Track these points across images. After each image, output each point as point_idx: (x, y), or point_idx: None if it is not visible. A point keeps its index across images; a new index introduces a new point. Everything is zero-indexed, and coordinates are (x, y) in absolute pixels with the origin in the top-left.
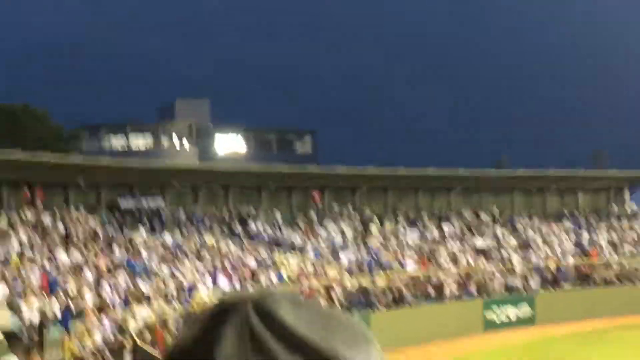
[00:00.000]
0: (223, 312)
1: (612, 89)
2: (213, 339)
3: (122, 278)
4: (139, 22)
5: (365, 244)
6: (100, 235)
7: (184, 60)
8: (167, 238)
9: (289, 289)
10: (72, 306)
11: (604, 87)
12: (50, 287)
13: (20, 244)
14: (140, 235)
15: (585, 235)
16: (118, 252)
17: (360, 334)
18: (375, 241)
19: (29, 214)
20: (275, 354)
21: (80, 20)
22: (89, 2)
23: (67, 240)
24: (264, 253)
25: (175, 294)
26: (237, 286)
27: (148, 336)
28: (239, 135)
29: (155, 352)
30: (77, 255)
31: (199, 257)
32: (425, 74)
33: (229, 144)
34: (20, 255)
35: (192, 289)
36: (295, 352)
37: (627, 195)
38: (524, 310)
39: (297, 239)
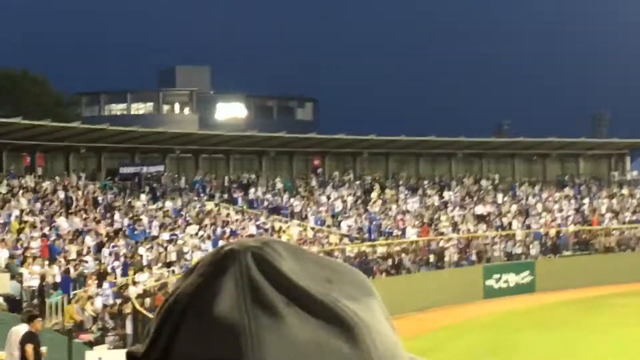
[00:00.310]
0: (223, 261)
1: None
2: (212, 289)
3: (123, 244)
4: None
5: (366, 210)
6: (101, 202)
7: (184, 27)
8: (168, 204)
9: None
10: (72, 272)
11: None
12: (51, 252)
13: (21, 210)
14: (141, 201)
15: (585, 202)
16: (118, 219)
17: (362, 286)
18: (376, 208)
19: (29, 180)
20: (274, 305)
21: None
22: None
23: (67, 207)
24: (264, 219)
25: (175, 259)
26: None
27: (148, 301)
28: (240, 103)
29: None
30: (77, 222)
31: (199, 223)
32: (425, 40)
33: (230, 111)
34: (21, 221)
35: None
36: (295, 304)
37: (628, 162)
38: (524, 277)
39: (297, 205)
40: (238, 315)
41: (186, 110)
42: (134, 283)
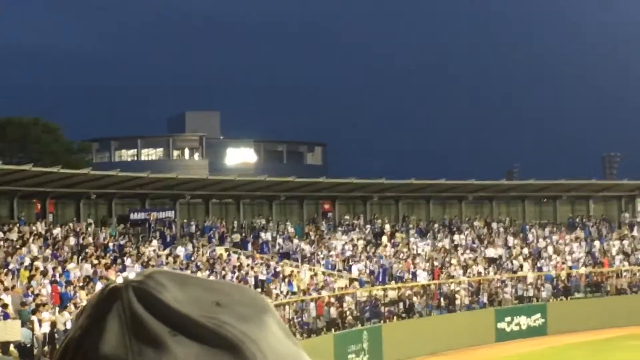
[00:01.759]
0: (107, 300)
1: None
2: (98, 330)
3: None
4: (149, 35)
5: (376, 254)
6: (111, 248)
7: (193, 73)
8: (179, 250)
9: (297, 298)
10: None
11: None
12: (61, 299)
13: (32, 256)
14: (151, 247)
15: (596, 244)
16: (129, 265)
17: (254, 304)
18: (386, 251)
19: (40, 227)
20: (158, 337)
21: (91, 33)
22: (99, 15)
23: (78, 253)
24: (274, 264)
25: None
26: None
27: None
28: (249, 148)
29: None
30: (87, 268)
31: (211, 269)
32: (435, 84)
33: (239, 156)
34: (31, 267)
35: None
36: (180, 332)
37: (638, 203)
38: (536, 319)
39: (307, 249)
40: (123, 352)
41: (196, 156)
42: None
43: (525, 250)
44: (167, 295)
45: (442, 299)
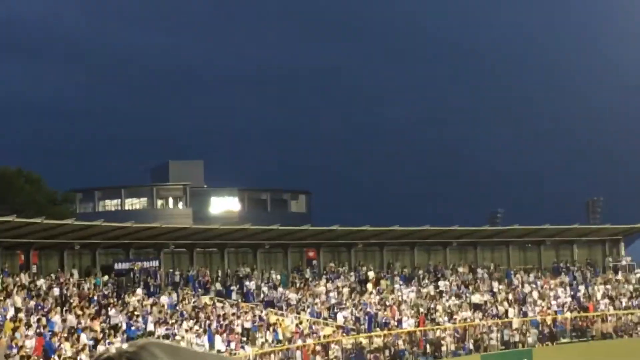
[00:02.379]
0: None
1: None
2: None
3: (119, 341)
4: (131, 85)
5: (361, 301)
6: (95, 298)
7: (176, 123)
8: (163, 299)
9: (282, 347)
10: None
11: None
12: (46, 350)
13: (15, 308)
14: (136, 297)
15: (581, 289)
16: (114, 315)
17: None
18: (371, 299)
19: (23, 278)
20: None
21: (73, 83)
22: (81, 64)
23: (62, 304)
24: (259, 312)
25: None
26: (233, 346)
27: None
28: (233, 196)
29: None
30: (72, 319)
31: (195, 318)
32: (416, 131)
33: (223, 205)
34: (16, 318)
35: None
36: None
37: (622, 248)
38: None
39: (293, 297)
40: None
41: (180, 205)
42: None
43: (510, 296)
44: None
45: (428, 346)
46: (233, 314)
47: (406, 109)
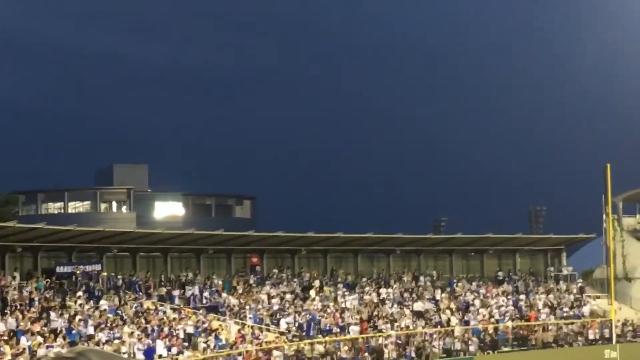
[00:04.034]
0: None
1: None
2: None
3: (59, 345)
4: (76, 87)
5: (304, 308)
6: (37, 301)
7: (121, 126)
8: (104, 303)
9: (224, 352)
10: None
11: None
12: None
13: None
14: (78, 300)
15: (522, 298)
16: (55, 318)
17: None
18: (314, 305)
19: None
20: None
21: (17, 85)
22: (25, 66)
23: (2, 307)
24: (201, 317)
25: None
26: (175, 351)
27: None
28: (178, 201)
29: None
30: (12, 322)
31: (137, 323)
32: (361, 136)
33: (167, 209)
34: None
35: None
36: None
37: (564, 257)
38: None
39: (235, 303)
40: None
41: (123, 209)
42: None
43: (453, 304)
44: None
45: (369, 353)
46: (175, 319)
47: (347, 113)
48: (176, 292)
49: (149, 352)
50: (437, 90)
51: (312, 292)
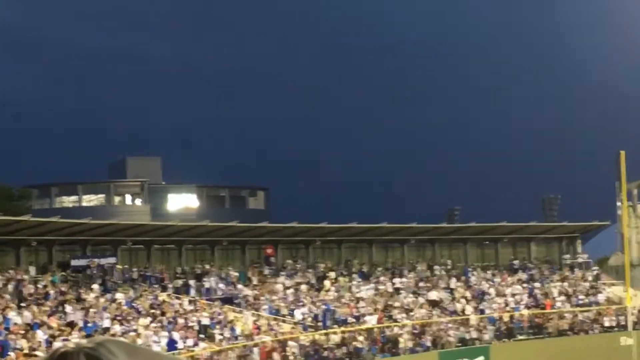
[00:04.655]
0: None
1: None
2: None
3: (76, 337)
4: (89, 80)
5: (319, 298)
6: (52, 295)
7: (135, 118)
8: (120, 296)
9: (240, 344)
10: None
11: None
12: (2, 347)
13: None
14: (93, 293)
15: (538, 286)
16: (70, 312)
17: None
18: (329, 295)
19: None
20: None
21: (30, 80)
22: (37, 60)
23: (18, 300)
24: (217, 309)
25: None
26: (191, 343)
27: None
28: (191, 193)
29: None
30: (28, 315)
31: (153, 315)
32: (375, 128)
33: (181, 201)
34: None
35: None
36: None
37: (579, 245)
38: None
39: (250, 294)
40: None
41: (137, 202)
42: None
43: (468, 293)
44: None
45: (385, 342)
46: (190, 311)
47: (362, 103)
48: (192, 284)
49: (171, 343)
50: (451, 80)
51: (327, 283)
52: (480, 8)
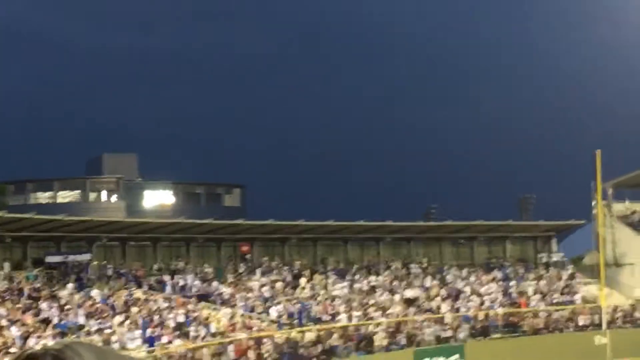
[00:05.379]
0: None
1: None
2: None
3: (49, 334)
4: (65, 76)
5: (294, 296)
6: (26, 292)
7: (111, 115)
8: (95, 293)
9: (215, 341)
10: None
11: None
12: None
13: None
14: (67, 290)
15: (513, 285)
16: (45, 308)
17: None
18: (305, 293)
19: None
20: None
21: (6, 76)
22: (11, 53)
23: None
24: (192, 306)
25: None
26: (165, 340)
27: None
28: (167, 190)
29: None
30: (2, 312)
31: (127, 312)
32: (352, 125)
33: (157, 198)
34: None
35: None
36: None
37: (554, 244)
38: None
39: (226, 292)
40: None
41: (113, 198)
42: None
43: (443, 291)
44: None
45: (360, 340)
46: (165, 308)
47: (338, 102)
48: (166, 281)
49: (151, 340)
50: (427, 81)
51: (303, 281)
52: (440, 12)
